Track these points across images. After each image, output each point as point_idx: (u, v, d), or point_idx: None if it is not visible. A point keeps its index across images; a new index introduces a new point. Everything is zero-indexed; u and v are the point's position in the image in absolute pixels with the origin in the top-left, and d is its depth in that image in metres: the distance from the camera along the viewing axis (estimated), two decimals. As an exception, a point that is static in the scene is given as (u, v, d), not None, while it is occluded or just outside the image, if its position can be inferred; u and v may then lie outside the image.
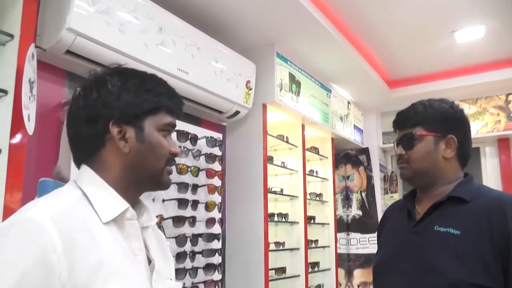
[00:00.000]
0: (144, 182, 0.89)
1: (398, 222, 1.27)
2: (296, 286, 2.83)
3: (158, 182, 0.90)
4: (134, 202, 0.88)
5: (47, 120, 1.80)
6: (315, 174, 3.31)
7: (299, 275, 2.83)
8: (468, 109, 3.77)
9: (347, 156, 3.86)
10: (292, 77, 2.81)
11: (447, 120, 1.19)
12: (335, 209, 3.38)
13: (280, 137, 2.88)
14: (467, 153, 1.21)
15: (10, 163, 1.27)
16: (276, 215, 2.79)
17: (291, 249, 2.88)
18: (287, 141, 2.94)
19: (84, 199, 0.82)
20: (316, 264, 3.09)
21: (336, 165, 3.74)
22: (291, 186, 2.97)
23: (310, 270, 2.99)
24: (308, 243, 3.01)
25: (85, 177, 0.86)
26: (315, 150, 3.30)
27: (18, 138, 1.27)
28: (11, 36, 1.34)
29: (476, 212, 1.07)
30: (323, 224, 3.30)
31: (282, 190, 2.87)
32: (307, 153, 3.20)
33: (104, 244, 0.77)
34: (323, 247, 3.28)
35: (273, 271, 2.69)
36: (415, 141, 1.18)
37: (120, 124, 0.86)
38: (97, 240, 0.76)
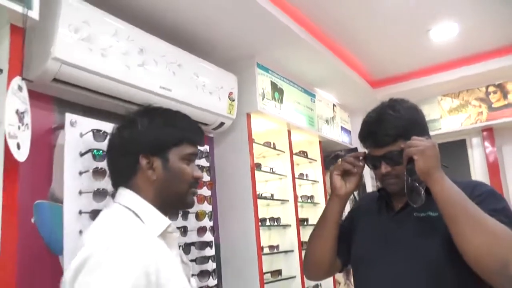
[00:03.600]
0: (172, 203, 1.08)
1: (374, 214, 1.32)
2: (293, 287, 2.91)
3: (183, 202, 1.11)
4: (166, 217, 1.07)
5: (40, 145, 1.90)
6: (305, 177, 3.41)
7: (295, 276, 2.92)
8: (451, 103, 3.88)
9: (337, 157, 3.95)
10: (274, 86, 2.92)
11: (420, 123, 1.24)
12: (327, 210, 3.47)
13: (267, 144, 2.98)
14: None
15: (4, 187, 1.37)
16: (268, 220, 2.88)
17: (286, 252, 2.97)
18: (274, 147, 3.04)
19: (135, 217, 1.00)
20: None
21: (327, 166, 3.82)
22: (281, 190, 3.07)
23: (305, 262, 3.06)
24: (302, 245, 3.09)
25: (129, 197, 1.04)
26: (303, 154, 3.40)
27: (9, 165, 1.37)
28: (0, 70, 1.44)
29: None
30: (316, 225, 3.38)
31: (272, 195, 2.96)
32: (296, 157, 3.30)
33: (164, 252, 0.97)
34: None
35: (269, 274, 2.77)
36: (400, 156, 1.15)
37: (148, 156, 1.06)
38: (161, 250, 0.97)
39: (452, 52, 3.42)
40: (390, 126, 1.19)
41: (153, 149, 1.07)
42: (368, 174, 3.96)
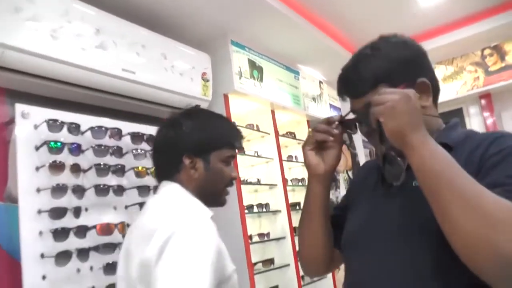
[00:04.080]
0: (208, 200, 1.15)
1: (370, 187, 1.03)
2: (287, 275, 2.75)
3: (217, 201, 1.22)
4: None
5: (-9, 140, 1.73)
6: (294, 160, 3.23)
7: (288, 264, 2.75)
8: (445, 70, 3.69)
9: (328, 136, 3.76)
10: (252, 64, 2.73)
11: (409, 62, 0.92)
12: (320, 192, 3.28)
13: (250, 126, 2.80)
14: (439, 92, 0.97)
15: None
16: (256, 206, 2.71)
17: (277, 239, 2.80)
18: (258, 129, 2.85)
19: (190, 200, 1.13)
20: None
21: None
22: (268, 174, 2.89)
23: (299, 258, 2.90)
24: (294, 230, 2.92)
25: (176, 188, 1.14)
26: (291, 135, 3.22)
27: None
28: None
29: (461, 157, 0.81)
30: (310, 208, 3.21)
31: (259, 180, 2.78)
32: (284, 139, 3.12)
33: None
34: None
35: (261, 264, 2.61)
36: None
37: (192, 157, 1.15)
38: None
39: (441, 16, 3.22)
40: (365, 68, 0.90)
41: (196, 150, 1.16)
42: (361, 152, 3.78)
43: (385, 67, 0.90)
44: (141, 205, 1.95)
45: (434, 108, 0.95)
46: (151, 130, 2.14)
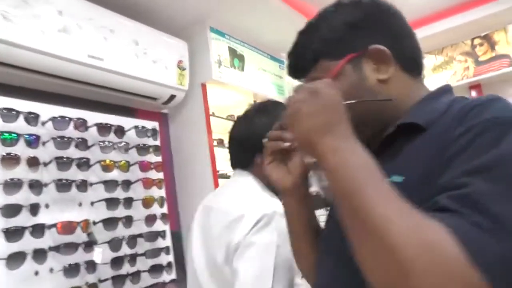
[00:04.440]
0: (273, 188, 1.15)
1: None
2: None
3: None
4: None
5: None
6: (278, 152, 3.10)
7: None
8: (435, 60, 3.57)
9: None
10: (233, 52, 2.59)
11: (357, 26, 0.73)
12: (306, 186, 3.16)
13: (231, 118, 2.66)
14: (411, 54, 0.75)
15: None
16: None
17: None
18: (240, 121, 2.72)
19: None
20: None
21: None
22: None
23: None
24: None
25: (252, 183, 1.17)
26: (276, 127, 3.08)
27: None
28: None
29: (433, 139, 0.62)
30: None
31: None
32: (268, 131, 2.99)
33: None
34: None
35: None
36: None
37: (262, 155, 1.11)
38: None
39: (431, 4, 3.10)
40: (306, 41, 0.76)
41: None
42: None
43: (326, 36, 0.73)
44: (108, 201, 1.81)
45: (404, 75, 0.72)
46: (120, 120, 2.00)
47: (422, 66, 0.76)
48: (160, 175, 2.09)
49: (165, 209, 2.06)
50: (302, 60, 0.76)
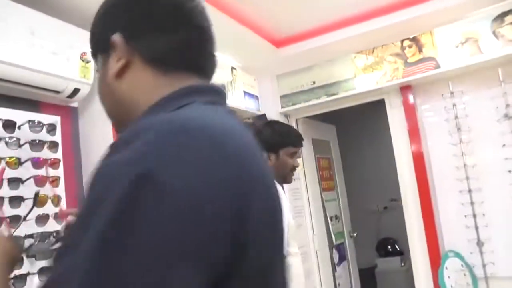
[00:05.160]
0: (279, 180, 1.84)
1: None
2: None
3: (285, 180, 2.05)
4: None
5: None
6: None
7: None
8: (365, 60, 3.61)
9: (246, 125, 3.61)
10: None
11: (102, 19, 0.72)
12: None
13: (149, 113, 2.59)
14: (171, 46, 0.66)
15: None
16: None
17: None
18: (159, 117, 2.65)
19: None
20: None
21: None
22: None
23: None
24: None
25: None
26: (201, 123, 3.03)
27: None
28: None
29: None
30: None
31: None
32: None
33: None
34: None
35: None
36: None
37: (268, 153, 1.94)
38: None
39: (360, 3, 3.12)
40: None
41: (271, 149, 1.94)
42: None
43: (92, 30, 0.75)
44: (11, 199, 1.72)
45: (149, 74, 0.64)
46: (11, 114, 1.89)
47: (190, 61, 0.69)
48: (58, 172, 2.00)
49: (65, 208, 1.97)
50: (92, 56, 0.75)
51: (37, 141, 1.93)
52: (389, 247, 5.50)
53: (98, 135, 2.34)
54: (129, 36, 0.66)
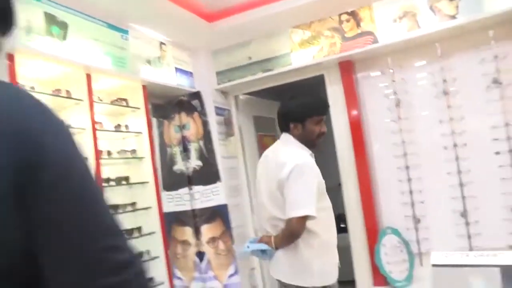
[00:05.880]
0: (307, 145, 2.15)
1: None
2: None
3: (312, 146, 2.18)
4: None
5: None
6: (123, 129, 2.92)
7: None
8: (302, 35, 3.49)
9: (180, 103, 3.48)
10: (50, 18, 2.33)
11: None
12: (154, 164, 3.03)
13: (57, 92, 2.44)
14: None
15: None
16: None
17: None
18: (69, 96, 2.50)
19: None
20: (138, 229, 2.78)
21: (168, 114, 3.38)
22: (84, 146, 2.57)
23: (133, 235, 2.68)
24: (124, 206, 2.68)
25: (291, 139, 2.15)
26: (123, 101, 2.90)
27: None
28: None
29: None
30: (142, 183, 2.95)
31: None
32: (115, 106, 2.80)
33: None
34: (145, 208, 2.95)
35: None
36: None
37: (294, 123, 2.16)
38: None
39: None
40: None
41: (297, 119, 2.15)
42: (213, 120, 3.52)
43: None
44: None
45: None
46: None
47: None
48: None
49: None
50: None
51: None
52: (341, 223, 5.52)
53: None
54: None
